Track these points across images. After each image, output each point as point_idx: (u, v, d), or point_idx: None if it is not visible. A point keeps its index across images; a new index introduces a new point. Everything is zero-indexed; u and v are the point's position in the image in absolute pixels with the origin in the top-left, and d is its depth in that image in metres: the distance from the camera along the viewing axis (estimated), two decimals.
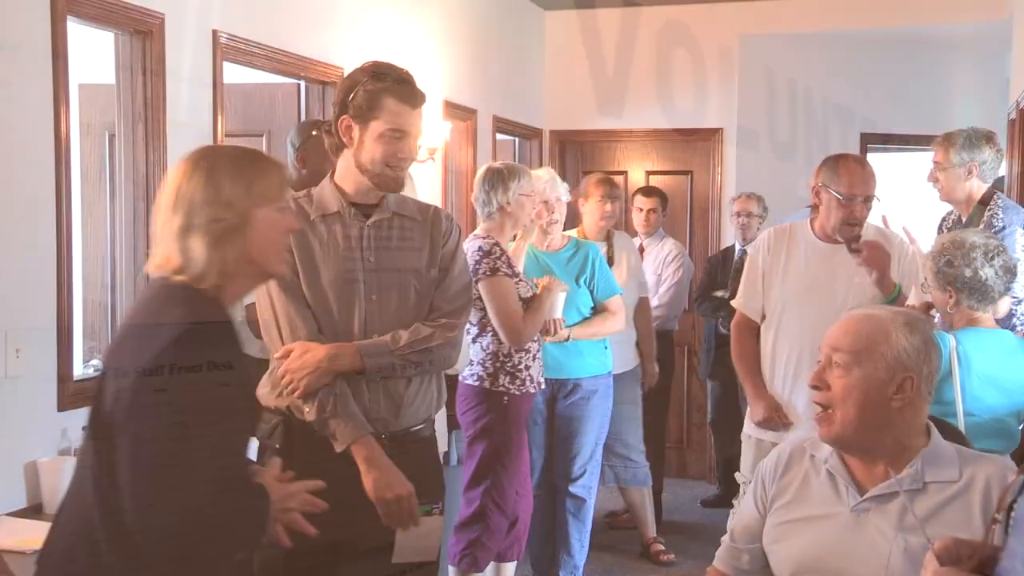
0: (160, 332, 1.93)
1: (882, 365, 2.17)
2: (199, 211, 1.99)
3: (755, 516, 2.37)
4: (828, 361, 2.23)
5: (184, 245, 1.99)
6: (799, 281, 3.83)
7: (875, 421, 2.18)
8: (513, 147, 7.36)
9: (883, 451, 2.20)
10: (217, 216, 1.99)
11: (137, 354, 1.92)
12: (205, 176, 2.01)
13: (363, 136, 2.73)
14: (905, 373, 2.17)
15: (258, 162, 2.11)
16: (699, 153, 7.27)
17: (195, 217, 1.99)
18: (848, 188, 3.68)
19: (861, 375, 2.17)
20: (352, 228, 2.78)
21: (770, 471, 2.38)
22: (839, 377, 2.19)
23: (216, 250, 1.99)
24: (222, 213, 2.00)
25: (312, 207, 2.75)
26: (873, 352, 2.17)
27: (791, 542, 2.27)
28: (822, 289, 3.77)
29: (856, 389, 2.17)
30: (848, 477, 2.24)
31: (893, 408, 2.17)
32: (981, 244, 3.35)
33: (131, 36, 3.55)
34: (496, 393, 4.11)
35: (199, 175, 2.01)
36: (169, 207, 2.01)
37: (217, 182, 2.01)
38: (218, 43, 3.89)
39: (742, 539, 2.39)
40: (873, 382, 2.17)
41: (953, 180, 4.11)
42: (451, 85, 5.93)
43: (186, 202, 2.00)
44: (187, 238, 1.99)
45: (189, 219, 1.99)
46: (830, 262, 3.75)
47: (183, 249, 1.99)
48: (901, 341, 2.18)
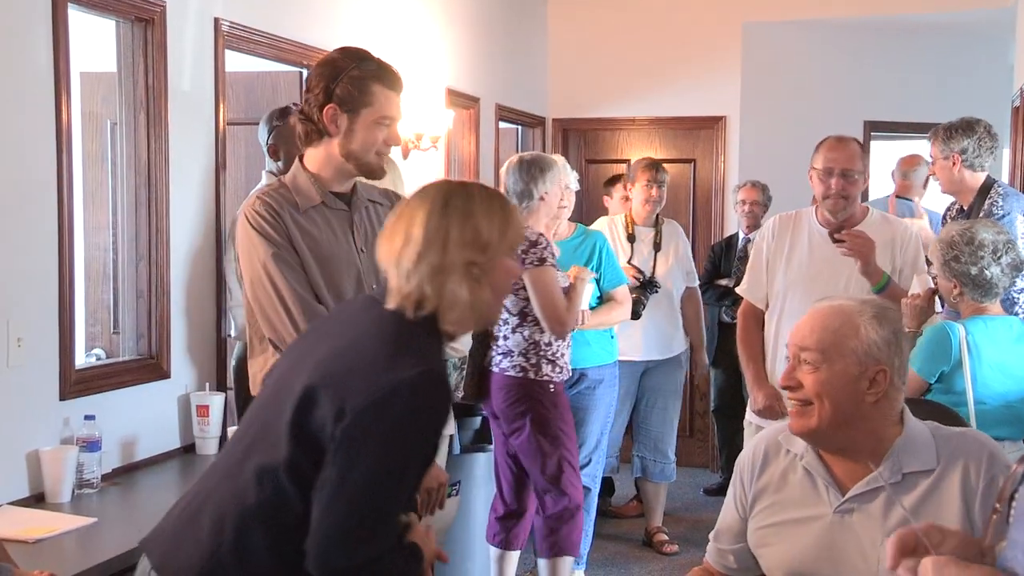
0: (407, 372, 1.88)
1: (853, 361, 2.11)
2: (457, 251, 1.97)
3: (736, 517, 2.33)
4: (797, 360, 2.16)
5: (440, 285, 1.96)
6: (801, 268, 3.84)
7: (850, 417, 2.12)
8: (516, 135, 7.34)
9: (860, 446, 2.14)
10: (474, 259, 1.98)
11: (377, 387, 1.87)
12: (462, 216, 1.99)
13: (352, 124, 2.69)
14: (877, 367, 2.11)
15: (508, 208, 2.08)
16: (702, 141, 7.26)
17: (452, 257, 1.97)
18: (824, 162, 3.76)
19: (832, 372, 2.11)
20: (339, 218, 2.77)
21: (747, 470, 2.32)
22: (809, 375, 2.13)
23: (472, 294, 1.98)
24: (479, 257, 1.99)
25: (300, 198, 2.72)
26: (843, 348, 2.11)
27: (778, 547, 2.23)
28: (824, 276, 3.77)
29: (828, 386, 2.10)
30: (827, 476, 2.18)
31: (867, 403, 2.11)
32: (990, 242, 3.34)
33: (132, 24, 3.54)
34: (541, 383, 4.16)
35: (455, 214, 1.99)
36: (419, 242, 1.97)
37: (476, 224, 1.99)
38: (220, 31, 3.88)
39: (726, 540, 2.36)
40: (845, 378, 2.11)
41: (944, 172, 4.17)
42: (454, 73, 5.91)
43: (440, 240, 1.97)
44: (443, 277, 1.96)
45: (444, 258, 1.96)
46: (832, 249, 3.74)
47: (438, 288, 1.96)
48: (871, 334, 2.11)
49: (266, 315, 2.68)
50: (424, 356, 1.94)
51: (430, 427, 1.92)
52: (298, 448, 1.91)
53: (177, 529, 2.03)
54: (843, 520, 2.15)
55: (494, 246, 2.00)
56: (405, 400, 1.86)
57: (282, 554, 1.92)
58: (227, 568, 1.93)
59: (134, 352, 3.63)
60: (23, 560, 2.34)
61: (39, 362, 3.14)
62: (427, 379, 1.90)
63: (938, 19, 7.04)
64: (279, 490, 1.92)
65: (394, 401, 1.86)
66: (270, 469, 1.93)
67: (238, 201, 4.31)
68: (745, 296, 4.05)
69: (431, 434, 1.93)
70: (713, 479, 6.77)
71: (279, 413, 1.96)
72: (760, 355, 3.94)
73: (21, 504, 3.03)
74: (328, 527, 1.86)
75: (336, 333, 2.06)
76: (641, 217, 5.45)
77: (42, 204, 3.14)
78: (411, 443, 1.91)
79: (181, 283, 3.69)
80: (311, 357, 2.01)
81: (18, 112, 3.07)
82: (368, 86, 2.70)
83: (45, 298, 3.16)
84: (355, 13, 4.85)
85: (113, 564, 2.64)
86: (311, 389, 1.92)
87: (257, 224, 2.67)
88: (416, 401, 1.88)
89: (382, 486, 1.88)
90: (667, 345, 5.42)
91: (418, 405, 1.88)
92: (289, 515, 1.91)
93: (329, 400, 1.89)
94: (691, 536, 5.67)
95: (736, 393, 6.05)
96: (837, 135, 3.87)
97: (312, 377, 1.94)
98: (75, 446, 3.16)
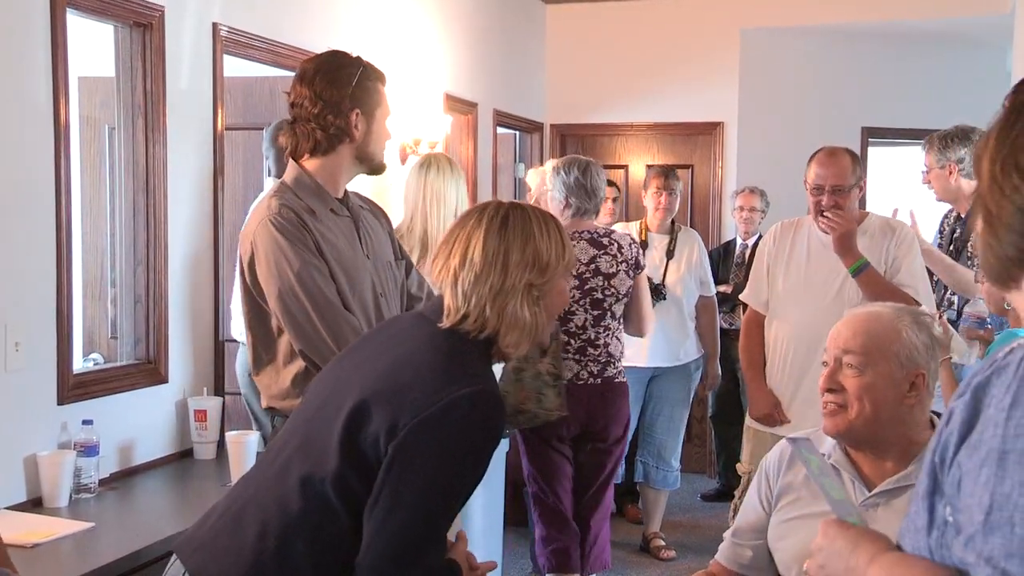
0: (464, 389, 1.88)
1: (896, 365, 2.16)
2: (518, 273, 1.98)
3: (760, 513, 2.36)
4: (838, 364, 2.20)
5: (502, 307, 1.97)
6: (800, 273, 3.86)
7: (887, 420, 2.17)
8: (514, 141, 7.35)
9: (891, 447, 2.19)
10: (534, 281, 1.99)
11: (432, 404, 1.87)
12: (523, 238, 2.00)
13: (370, 126, 2.75)
14: (917, 371, 2.17)
15: (563, 230, 2.09)
16: (700, 147, 7.26)
17: (513, 279, 1.97)
18: (814, 179, 3.78)
19: (876, 375, 2.16)
20: (346, 224, 2.78)
21: (773, 467, 2.37)
22: (852, 378, 2.17)
23: (533, 316, 1.99)
24: (537, 279, 2.00)
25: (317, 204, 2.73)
26: (886, 352, 2.16)
27: (796, 539, 2.26)
28: (822, 281, 3.79)
29: (872, 389, 2.15)
30: (854, 472, 2.23)
31: (905, 406, 2.17)
32: None
33: (131, 29, 3.54)
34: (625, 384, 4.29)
35: (515, 235, 2.00)
36: (479, 263, 1.98)
37: (536, 246, 2.00)
38: (218, 36, 3.88)
39: (746, 536, 2.38)
40: (889, 381, 2.15)
41: (940, 181, 4.18)
42: (452, 78, 5.92)
43: (501, 262, 1.98)
44: (504, 300, 1.97)
45: (505, 280, 1.97)
46: (831, 255, 3.75)
47: (499, 310, 1.97)
48: (912, 338, 2.17)
49: (299, 326, 2.65)
50: (479, 375, 1.94)
51: (484, 444, 1.92)
52: (347, 462, 1.90)
53: (215, 535, 2.02)
54: (866, 514, 2.17)
55: (552, 268, 2.02)
56: (460, 416, 1.86)
57: (324, 566, 1.92)
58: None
59: (132, 357, 3.62)
60: (21, 565, 2.33)
61: (37, 366, 3.14)
62: (483, 396, 1.90)
63: (936, 25, 7.05)
64: (325, 503, 1.91)
65: (449, 418, 1.86)
66: (317, 481, 1.92)
67: (236, 206, 4.32)
68: (748, 302, 4.06)
69: (485, 451, 1.93)
70: (711, 485, 6.76)
71: (327, 426, 1.95)
72: (760, 362, 3.94)
73: (18, 509, 3.02)
74: (381, 544, 1.86)
75: (387, 349, 2.05)
76: (655, 224, 5.47)
77: (40, 208, 3.14)
78: (465, 459, 1.91)
79: (179, 288, 3.69)
80: (360, 371, 2.01)
81: (16, 116, 3.06)
82: (375, 86, 2.78)
83: (43, 302, 3.16)
84: (353, 18, 4.85)
85: (111, 569, 2.63)
86: (363, 403, 1.91)
87: (287, 231, 2.64)
88: (472, 416, 1.88)
89: (435, 502, 1.88)
90: (675, 353, 5.40)
91: (473, 421, 1.88)
92: (333, 528, 1.91)
93: (382, 415, 1.89)
94: (688, 542, 5.67)
95: (734, 399, 6.05)
96: (828, 148, 3.85)
97: (364, 392, 1.93)
98: (73, 451, 3.15)
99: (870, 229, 3.82)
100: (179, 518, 2.96)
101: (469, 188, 6.18)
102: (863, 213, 3.93)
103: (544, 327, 2.05)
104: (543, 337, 2.07)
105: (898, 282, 3.71)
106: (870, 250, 3.73)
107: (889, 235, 3.80)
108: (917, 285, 3.75)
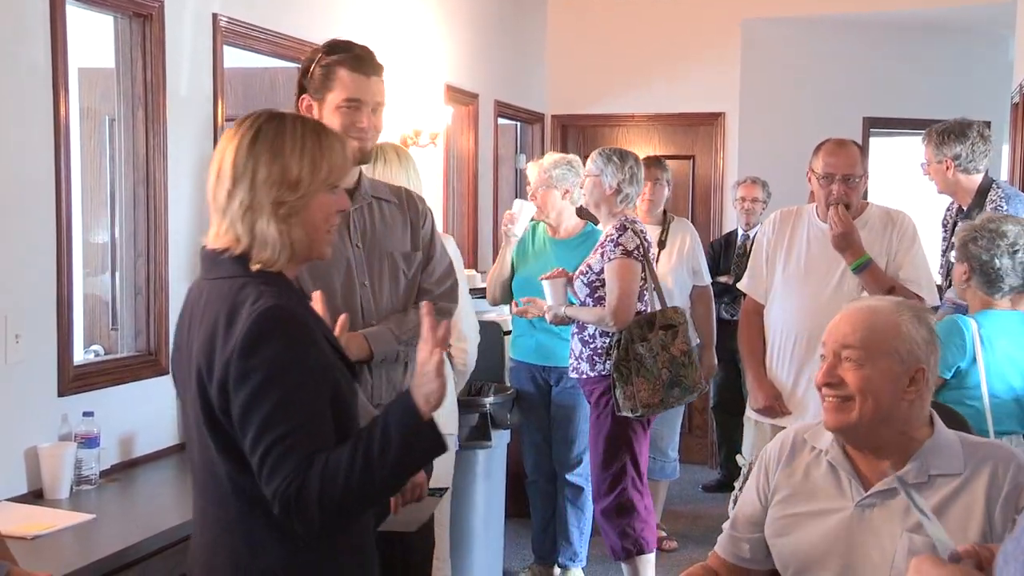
0: (247, 323, 1.90)
1: (896, 359, 2.12)
2: (265, 190, 1.94)
3: (757, 506, 2.34)
4: (837, 358, 2.17)
5: (250, 225, 1.94)
6: (799, 263, 3.85)
7: (888, 415, 2.13)
8: (515, 131, 7.34)
9: (889, 445, 2.16)
10: (282, 198, 1.94)
11: (230, 348, 1.90)
12: (270, 153, 1.95)
13: (322, 111, 2.74)
14: (918, 366, 2.13)
15: (325, 143, 2.02)
16: (701, 137, 7.25)
17: (261, 196, 1.94)
18: (823, 168, 3.76)
19: (876, 370, 2.12)
20: None
21: (773, 460, 2.34)
22: (852, 371, 2.14)
23: (282, 233, 1.95)
24: (287, 195, 1.95)
25: None
26: (886, 346, 2.13)
27: (794, 537, 2.24)
28: (821, 271, 3.78)
29: (872, 383, 2.12)
30: (851, 470, 2.20)
31: (906, 401, 2.13)
32: (1012, 234, 3.37)
33: (131, 19, 3.53)
34: (606, 377, 4.28)
35: (263, 150, 1.95)
36: (229, 179, 1.95)
37: (284, 162, 1.95)
38: (218, 27, 3.87)
39: (744, 528, 2.36)
40: (889, 376, 2.12)
41: (938, 175, 4.19)
42: (453, 69, 5.90)
43: (248, 178, 1.94)
44: (254, 218, 1.94)
45: (253, 197, 1.94)
46: (830, 246, 3.74)
47: (248, 229, 1.94)
48: (912, 333, 2.13)
49: None
50: (258, 298, 1.92)
51: (292, 352, 1.90)
52: (215, 435, 1.95)
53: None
54: (863, 514, 2.16)
55: (304, 184, 1.96)
56: (256, 336, 1.87)
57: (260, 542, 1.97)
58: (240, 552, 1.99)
59: (132, 348, 3.62)
60: (22, 556, 2.33)
61: (37, 358, 3.13)
62: (265, 316, 1.88)
63: (938, 15, 7.04)
64: (230, 490, 1.98)
65: (249, 349, 1.87)
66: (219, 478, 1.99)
67: None
68: (746, 291, 4.05)
69: (300, 356, 1.91)
70: (712, 475, 6.77)
71: (194, 419, 2.01)
72: (761, 353, 3.93)
73: (19, 501, 3.02)
74: (267, 469, 1.87)
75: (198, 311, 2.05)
76: (643, 215, 5.42)
77: (40, 200, 3.14)
78: (287, 372, 1.89)
79: (179, 279, 3.68)
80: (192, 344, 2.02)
81: (16, 108, 3.06)
82: (332, 71, 2.76)
83: (43, 294, 3.15)
84: (354, 9, 4.84)
85: (111, 561, 2.63)
86: (198, 373, 1.95)
87: None
88: (264, 327, 1.88)
89: (283, 414, 1.87)
90: None
91: (266, 330, 1.88)
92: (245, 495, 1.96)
93: (210, 373, 1.92)
94: (690, 533, 5.68)
95: (735, 390, 6.04)
96: (837, 139, 3.85)
97: (198, 360, 1.96)
98: (73, 442, 3.15)
99: (871, 220, 3.81)
100: (180, 510, 2.96)
101: (469, 179, 6.18)
102: (864, 203, 3.92)
103: (306, 243, 1.99)
104: (310, 252, 2.01)
105: (901, 275, 3.70)
106: (871, 243, 3.71)
107: (890, 227, 3.79)
108: (919, 277, 3.74)
